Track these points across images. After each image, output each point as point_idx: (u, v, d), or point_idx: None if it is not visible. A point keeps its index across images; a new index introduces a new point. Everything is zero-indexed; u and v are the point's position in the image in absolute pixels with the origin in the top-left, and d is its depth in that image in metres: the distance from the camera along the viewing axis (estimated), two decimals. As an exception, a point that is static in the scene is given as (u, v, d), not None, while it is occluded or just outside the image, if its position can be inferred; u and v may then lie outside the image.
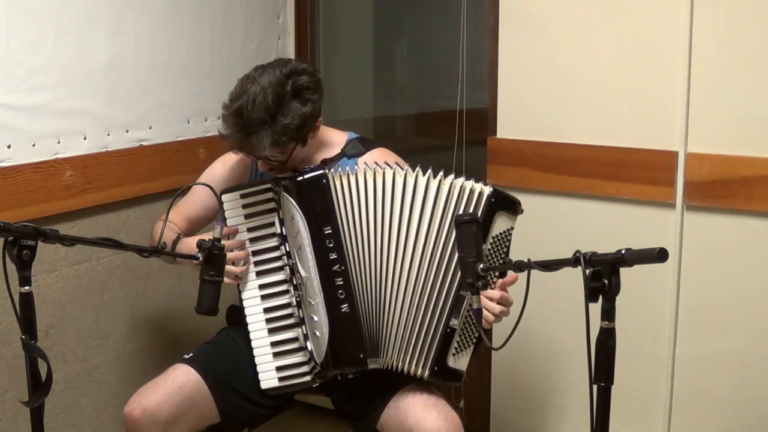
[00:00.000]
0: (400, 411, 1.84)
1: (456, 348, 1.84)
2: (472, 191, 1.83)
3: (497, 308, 1.78)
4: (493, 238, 1.82)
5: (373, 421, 1.89)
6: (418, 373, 1.84)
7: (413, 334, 1.84)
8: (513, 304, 1.80)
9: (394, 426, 1.84)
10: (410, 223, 1.84)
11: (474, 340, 1.86)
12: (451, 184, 1.84)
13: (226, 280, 1.83)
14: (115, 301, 2.41)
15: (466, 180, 1.84)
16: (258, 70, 1.89)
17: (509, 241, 1.85)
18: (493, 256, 1.83)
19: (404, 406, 1.84)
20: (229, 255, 1.86)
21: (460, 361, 1.85)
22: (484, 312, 1.76)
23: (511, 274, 1.79)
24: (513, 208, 1.86)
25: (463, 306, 1.82)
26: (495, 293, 1.78)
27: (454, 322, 1.82)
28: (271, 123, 1.83)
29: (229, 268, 1.86)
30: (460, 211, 1.82)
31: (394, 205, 1.85)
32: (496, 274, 1.80)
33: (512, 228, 1.85)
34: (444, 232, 1.83)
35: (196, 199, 2.10)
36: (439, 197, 1.84)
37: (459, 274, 1.80)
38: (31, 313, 1.40)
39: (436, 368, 1.83)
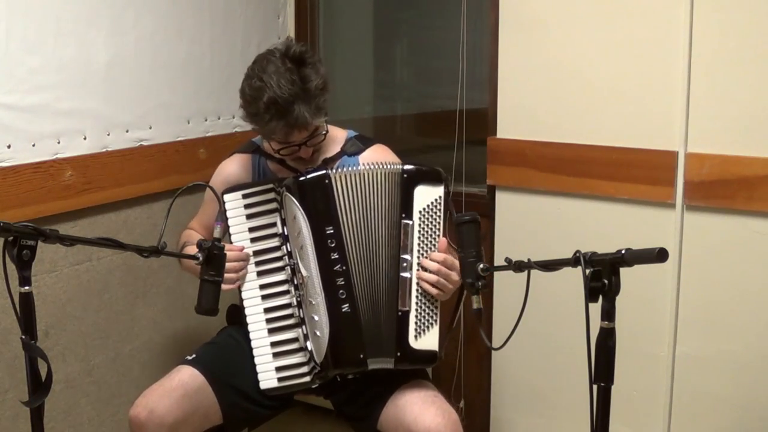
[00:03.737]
0: (399, 409, 1.84)
1: (416, 329, 1.84)
2: (393, 173, 1.88)
3: (433, 278, 1.81)
4: (420, 212, 1.86)
5: (373, 421, 1.89)
6: (386, 365, 1.85)
7: (377, 328, 1.86)
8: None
9: (393, 424, 1.84)
10: (376, 218, 1.88)
11: (435, 317, 1.86)
12: (387, 172, 1.88)
13: (224, 286, 1.83)
14: (115, 301, 2.41)
15: (394, 165, 1.89)
16: (254, 67, 1.91)
17: (440, 210, 1.88)
18: (426, 228, 1.85)
19: (402, 404, 1.84)
20: (230, 265, 1.87)
21: (424, 341, 1.85)
22: (426, 286, 1.83)
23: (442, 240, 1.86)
24: (432, 177, 1.88)
25: (408, 286, 1.84)
26: (432, 264, 1.82)
27: (402, 305, 1.84)
28: (303, 94, 1.85)
29: (228, 275, 1.86)
30: (388, 196, 1.87)
31: (378, 202, 1.88)
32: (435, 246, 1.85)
33: (440, 197, 1.88)
34: (384, 220, 1.88)
35: (209, 207, 2.12)
36: (382, 187, 1.88)
37: (397, 256, 1.85)
38: (31, 313, 1.40)
39: (398, 354, 1.84)
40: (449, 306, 1.94)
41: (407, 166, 1.89)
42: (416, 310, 1.85)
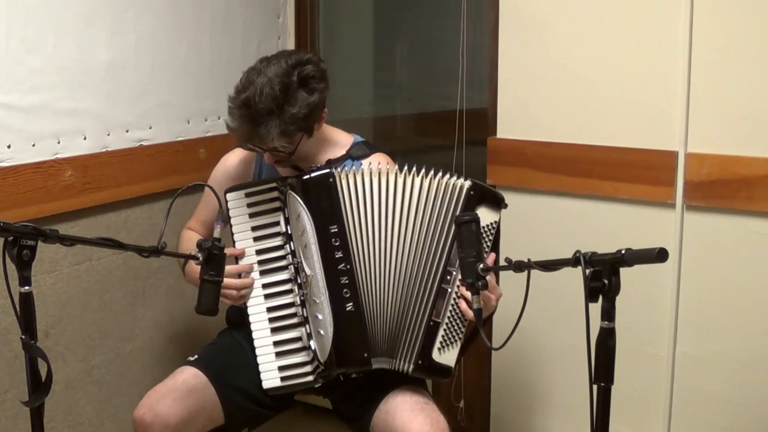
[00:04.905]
0: (389, 414, 1.84)
1: (441, 342, 1.84)
2: (453, 186, 1.85)
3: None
4: None
5: (365, 422, 1.89)
6: (404, 367, 1.85)
7: (401, 329, 1.85)
8: (501, 296, 1.81)
9: (383, 428, 1.85)
10: (407, 222, 1.85)
11: (461, 335, 1.86)
12: (438, 182, 1.85)
13: (226, 300, 1.86)
14: (115, 301, 2.41)
15: (449, 177, 1.86)
16: (263, 62, 1.89)
17: (493, 234, 1.86)
18: None
19: (392, 409, 1.84)
20: (234, 282, 1.89)
21: (446, 356, 1.84)
22: (464, 306, 1.79)
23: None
24: (495, 201, 1.87)
25: (446, 300, 1.83)
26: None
27: (436, 315, 1.83)
28: (278, 113, 1.83)
29: (231, 281, 1.88)
30: (443, 208, 1.84)
31: (396, 205, 1.86)
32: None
33: (496, 222, 1.86)
34: (428, 228, 1.85)
35: (209, 203, 2.11)
36: (428, 195, 1.85)
37: (440, 268, 1.83)
38: (31, 313, 1.40)
39: (420, 362, 1.83)
40: (470, 327, 1.94)
41: (473, 183, 1.85)
42: (447, 323, 1.84)
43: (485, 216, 1.84)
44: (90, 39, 2.22)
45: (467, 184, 1.85)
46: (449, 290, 1.83)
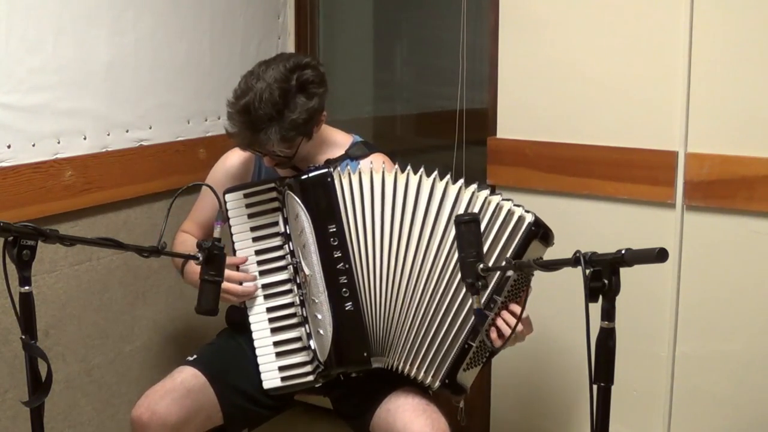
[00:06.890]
0: (390, 413, 1.84)
1: (467, 363, 1.82)
2: (510, 213, 1.80)
3: (507, 329, 1.76)
4: None
5: (366, 421, 1.89)
6: (428, 382, 1.83)
7: (427, 342, 1.82)
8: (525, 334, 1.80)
9: (384, 428, 1.84)
10: (435, 230, 1.82)
11: (485, 358, 1.84)
12: (486, 199, 1.81)
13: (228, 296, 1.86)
14: (115, 301, 2.41)
15: (502, 199, 1.82)
16: (262, 66, 1.88)
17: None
18: (520, 281, 1.80)
19: (394, 409, 1.84)
20: (235, 288, 1.90)
21: (468, 377, 1.84)
22: (502, 325, 1.77)
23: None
24: (547, 238, 1.83)
25: (484, 325, 1.79)
26: (511, 319, 1.76)
27: (472, 339, 1.80)
28: (278, 119, 1.82)
29: (231, 287, 1.88)
30: (495, 230, 1.79)
31: (417, 209, 1.83)
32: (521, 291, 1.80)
33: (541, 258, 1.83)
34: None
35: (205, 204, 2.11)
36: (469, 210, 1.81)
37: (485, 294, 1.76)
38: (31, 313, 1.40)
39: (447, 380, 1.82)
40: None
41: (535, 218, 1.79)
42: (477, 347, 1.82)
43: (535, 250, 1.81)
44: (90, 39, 2.23)
45: (529, 217, 1.79)
46: (490, 316, 1.79)
